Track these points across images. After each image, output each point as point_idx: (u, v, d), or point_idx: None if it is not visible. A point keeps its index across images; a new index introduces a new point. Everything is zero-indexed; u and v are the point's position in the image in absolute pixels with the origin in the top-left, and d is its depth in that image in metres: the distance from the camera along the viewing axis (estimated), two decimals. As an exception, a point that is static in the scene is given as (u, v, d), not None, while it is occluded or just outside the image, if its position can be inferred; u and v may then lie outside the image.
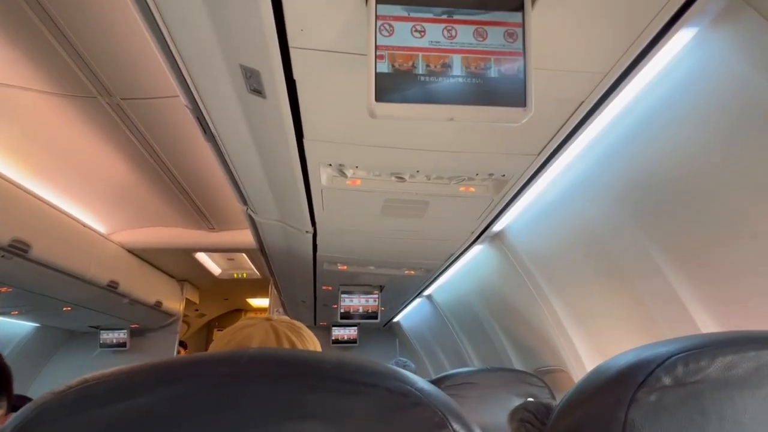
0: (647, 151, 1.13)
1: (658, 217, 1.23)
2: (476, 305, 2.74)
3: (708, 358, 0.51)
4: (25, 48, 1.80)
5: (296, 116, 1.13)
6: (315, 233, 2.03)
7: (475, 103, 0.75)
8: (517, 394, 1.76)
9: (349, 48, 0.89)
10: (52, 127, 2.30)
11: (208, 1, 0.85)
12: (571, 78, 0.96)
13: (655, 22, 0.81)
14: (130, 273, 3.91)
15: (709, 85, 0.91)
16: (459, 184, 1.49)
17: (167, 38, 0.98)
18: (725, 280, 1.15)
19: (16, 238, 2.49)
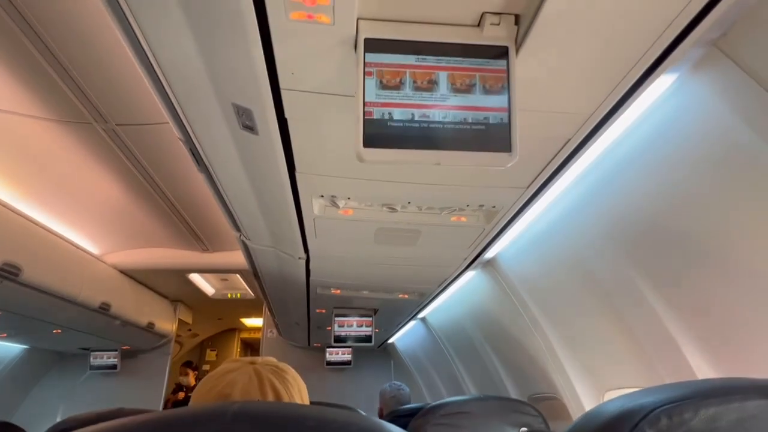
0: (631, 187, 1.15)
1: (642, 249, 1.24)
2: (470, 329, 2.73)
3: (691, 411, 0.52)
4: (22, 75, 1.82)
5: (288, 150, 1.14)
6: (308, 259, 2.03)
7: (461, 149, 0.77)
8: (511, 423, 1.74)
9: (338, 90, 0.91)
10: (47, 152, 2.31)
11: (202, 45, 0.87)
12: (557, 118, 0.99)
13: (637, 67, 0.84)
14: (123, 294, 3.87)
15: (688, 127, 0.93)
16: (450, 215, 1.50)
17: (161, 77, 1.00)
18: (708, 308, 1.16)
19: (6, 262, 2.47)
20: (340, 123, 1.01)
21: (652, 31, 0.77)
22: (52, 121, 2.09)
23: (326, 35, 0.78)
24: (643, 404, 0.53)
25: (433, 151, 0.77)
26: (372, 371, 5.19)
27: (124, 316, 3.90)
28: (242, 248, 2.20)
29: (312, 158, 1.18)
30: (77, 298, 3.21)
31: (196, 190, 2.69)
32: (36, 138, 2.19)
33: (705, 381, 0.61)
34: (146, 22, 0.85)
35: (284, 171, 1.22)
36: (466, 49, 0.78)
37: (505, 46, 0.79)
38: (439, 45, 0.78)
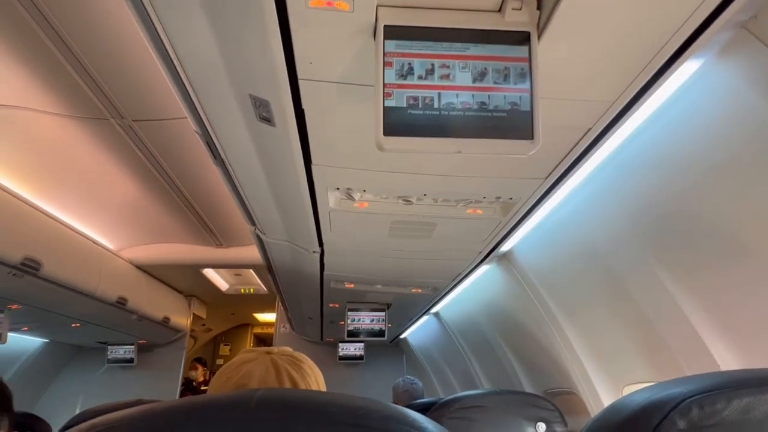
0: (653, 177, 1.13)
1: (664, 241, 1.22)
2: (484, 324, 2.71)
3: (724, 401, 0.50)
4: (41, 73, 1.85)
5: (304, 142, 1.14)
6: (322, 253, 2.03)
7: (482, 137, 0.75)
8: (527, 417, 1.72)
9: (356, 80, 0.90)
10: (65, 148, 2.34)
11: (220, 35, 0.87)
12: (579, 106, 0.97)
13: (662, 52, 0.82)
14: (139, 289, 3.93)
15: (714, 113, 0.91)
16: (466, 207, 1.49)
17: (178, 69, 1.00)
18: (734, 301, 1.13)
19: (27, 257, 2.52)
20: (358, 114, 1.00)
21: (680, 14, 0.75)
22: (69, 117, 2.12)
23: (345, 23, 0.77)
24: (672, 394, 0.52)
25: (454, 139, 0.76)
26: (384, 366, 5.20)
27: (140, 311, 3.97)
28: (257, 242, 2.21)
29: (328, 150, 1.17)
30: (95, 292, 3.26)
31: (210, 185, 2.71)
32: (54, 134, 2.22)
33: (736, 371, 0.59)
34: (164, 12, 0.85)
35: (300, 163, 1.22)
36: (488, 35, 0.77)
37: (527, 32, 0.77)
38: (460, 31, 0.77)
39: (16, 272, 2.52)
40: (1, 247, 2.36)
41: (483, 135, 0.75)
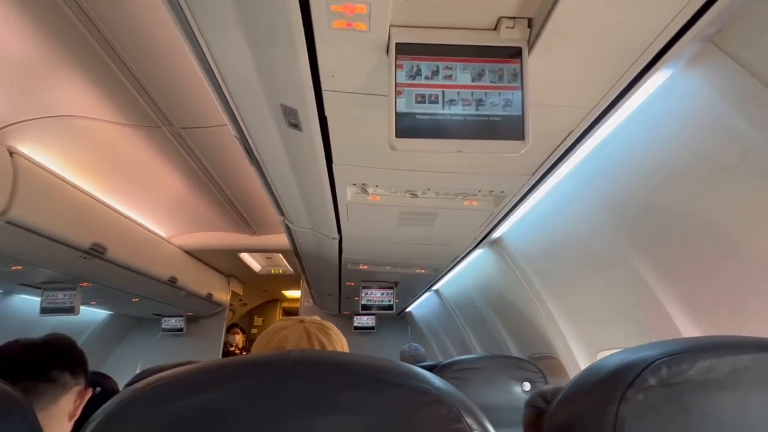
0: (628, 173, 1.11)
1: (637, 228, 1.20)
2: (478, 299, 2.71)
3: (689, 362, 0.50)
4: (103, 87, 1.87)
5: (327, 145, 1.14)
6: (340, 239, 2.04)
7: (480, 138, 0.75)
8: (514, 378, 1.73)
9: (371, 90, 0.90)
10: (124, 152, 2.37)
11: (256, 53, 0.87)
12: (563, 111, 0.95)
13: (637, 63, 0.80)
14: (186, 270, 3.98)
15: (682, 118, 0.89)
16: (464, 199, 1.48)
17: (220, 82, 1.01)
18: (697, 280, 1.12)
19: (95, 243, 2.57)
20: (373, 119, 1.00)
21: (653, 29, 0.73)
22: (127, 125, 2.14)
23: (363, 41, 0.77)
24: (644, 356, 0.52)
25: (455, 140, 0.75)
26: (392, 335, 5.24)
27: (188, 288, 4.02)
28: (285, 230, 2.23)
29: (347, 151, 1.17)
30: (150, 272, 3.32)
31: (246, 183, 2.73)
32: (115, 140, 2.25)
33: (699, 338, 0.59)
34: (209, 34, 0.85)
35: (323, 162, 1.22)
36: (485, 50, 0.76)
37: (518, 47, 0.76)
38: (461, 47, 0.76)
39: (85, 255, 2.57)
40: (74, 234, 2.41)
41: (480, 136, 0.75)
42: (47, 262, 2.57)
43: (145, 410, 0.42)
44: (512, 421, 1.66)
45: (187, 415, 0.42)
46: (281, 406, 0.43)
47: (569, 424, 0.53)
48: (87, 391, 0.94)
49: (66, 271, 2.76)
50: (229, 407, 0.43)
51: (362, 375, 0.45)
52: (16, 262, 2.45)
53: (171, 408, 0.42)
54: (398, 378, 0.45)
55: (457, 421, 0.43)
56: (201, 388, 0.44)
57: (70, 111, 2.03)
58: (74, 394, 0.90)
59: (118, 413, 0.42)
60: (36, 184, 2.13)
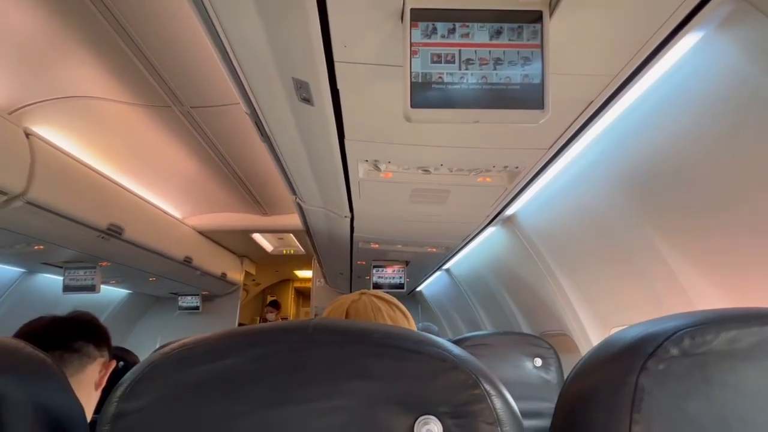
0: (650, 144, 1.07)
1: (657, 203, 1.17)
2: (489, 278, 2.72)
3: (713, 333, 0.49)
4: (113, 67, 1.86)
5: (339, 120, 1.13)
6: (352, 218, 2.04)
7: (497, 107, 0.73)
8: (525, 353, 1.74)
9: (385, 60, 0.87)
10: (136, 132, 2.38)
11: (266, 24, 0.85)
12: (583, 80, 0.92)
13: (665, 26, 0.76)
14: (201, 250, 4.06)
15: (713, 83, 0.85)
16: (477, 176, 1.46)
17: (231, 56, 0.99)
18: (718, 255, 1.09)
19: (112, 223, 2.62)
20: (387, 92, 0.98)
21: (684, -13, 0.69)
22: (138, 105, 2.14)
23: (376, 7, 0.74)
24: (666, 327, 0.51)
25: (472, 110, 0.73)
26: (403, 314, 5.28)
27: (202, 268, 4.11)
28: (297, 209, 2.24)
29: (359, 126, 1.16)
30: (166, 252, 3.39)
31: (257, 163, 2.73)
32: (126, 120, 2.26)
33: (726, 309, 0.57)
34: (219, 5, 0.83)
35: (335, 138, 1.21)
36: (504, 15, 0.73)
37: (539, 10, 0.73)
38: (479, 12, 0.73)
39: (103, 235, 2.63)
40: (91, 215, 2.46)
41: (498, 105, 0.73)
42: (67, 242, 2.64)
43: (170, 373, 0.44)
44: (523, 395, 1.68)
45: (210, 378, 0.43)
46: (301, 371, 0.44)
47: (586, 393, 0.52)
48: (111, 363, 0.98)
49: (85, 251, 2.84)
50: (250, 372, 0.44)
51: (381, 342, 0.46)
52: (38, 242, 2.53)
53: (195, 371, 0.44)
54: (417, 345, 0.45)
55: (475, 387, 0.44)
56: (223, 353, 0.45)
57: (82, 92, 2.04)
58: (99, 364, 0.94)
59: (146, 375, 0.44)
60: (53, 165, 2.17)
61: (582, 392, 0.52)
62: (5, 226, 2.20)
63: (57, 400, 0.52)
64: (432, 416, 0.42)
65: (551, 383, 1.71)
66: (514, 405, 0.46)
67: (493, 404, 0.44)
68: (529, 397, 1.67)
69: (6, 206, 1.97)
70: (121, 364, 1.87)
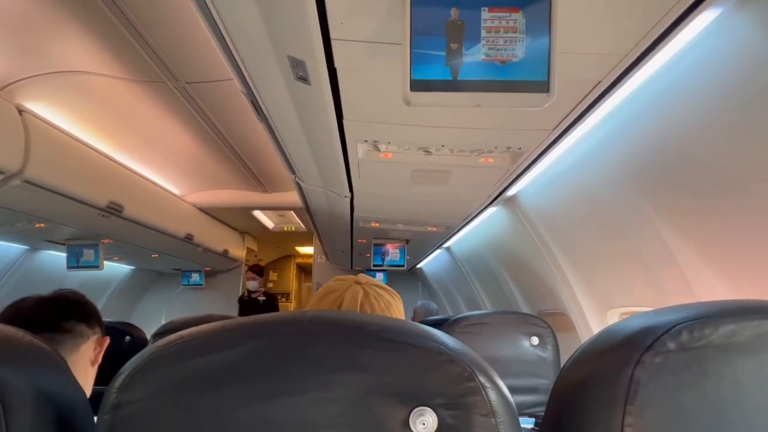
0: (658, 126, 1.04)
1: (661, 187, 1.15)
2: (488, 257, 2.73)
3: (712, 327, 0.49)
4: (105, 41, 1.80)
5: (336, 99, 1.09)
6: (352, 197, 2.03)
7: (501, 90, 0.70)
8: (523, 332, 1.76)
9: (384, 38, 0.83)
10: (132, 108, 2.34)
11: (259, 1, 0.81)
12: (591, 60, 0.88)
13: (679, 4, 0.72)
14: (202, 227, 4.07)
15: (729, 64, 0.81)
16: (479, 156, 1.43)
17: (224, 34, 0.95)
18: (718, 237, 1.08)
19: (111, 201, 2.62)
20: (385, 71, 0.94)
21: (704, -39, 0.65)
22: (132, 81, 2.08)
23: (374, -18, 0.70)
24: (665, 321, 0.51)
25: (474, 93, 0.70)
26: (403, 290, 5.30)
27: (204, 245, 4.14)
28: (296, 188, 2.22)
29: (358, 106, 1.12)
30: (167, 229, 3.40)
31: (256, 139, 2.69)
32: (121, 97, 2.21)
33: (724, 302, 0.57)
34: (208, -22, 0.79)
35: (333, 118, 1.18)
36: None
37: (547, -15, 0.69)
38: (483, -13, 0.69)
39: (104, 213, 2.63)
40: (91, 193, 2.45)
41: (501, 89, 0.70)
42: (67, 220, 2.65)
43: (169, 365, 0.44)
44: (520, 372, 1.73)
45: (207, 370, 0.44)
46: (298, 363, 0.44)
47: (582, 382, 0.53)
48: (105, 339, 0.98)
49: (87, 229, 2.85)
50: (248, 364, 0.44)
51: (376, 335, 0.46)
52: (39, 220, 2.53)
53: (192, 363, 0.44)
54: (413, 338, 0.45)
55: (470, 379, 0.44)
56: (220, 345, 0.45)
57: (75, 66, 1.98)
58: (93, 342, 0.94)
59: (145, 367, 0.44)
60: (48, 142, 2.14)
61: (578, 381, 0.53)
62: (4, 204, 2.19)
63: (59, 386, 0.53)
64: (427, 408, 0.43)
65: (547, 361, 1.74)
66: (509, 396, 0.46)
67: (488, 396, 0.44)
68: (526, 374, 1.71)
69: (4, 185, 1.96)
70: (128, 338, 1.91)
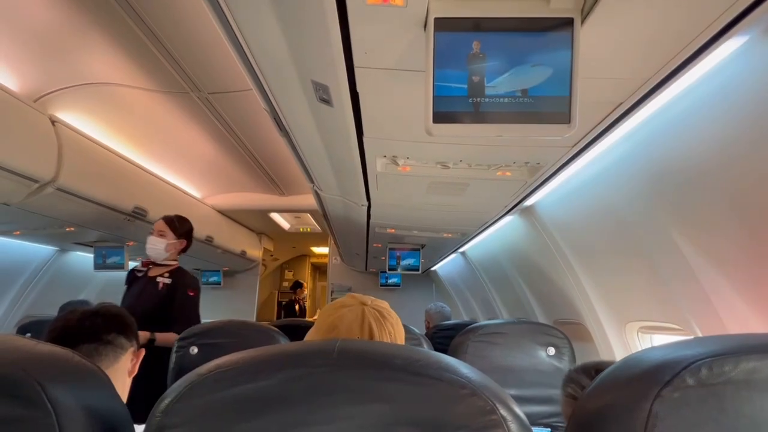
0: (679, 145, 1.03)
1: (682, 204, 1.14)
2: (505, 263, 2.72)
3: (732, 363, 0.49)
4: (131, 54, 1.87)
5: (357, 118, 1.12)
6: (369, 206, 2.05)
7: (522, 122, 0.71)
8: (539, 343, 1.76)
9: (406, 66, 0.85)
10: (157, 118, 2.41)
11: (285, 30, 0.84)
12: (613, 84, 0.88)
13: (704, 33, 0.72)
14: (221, 229, 4.16)
15: (751, 90, 0.80)
16: (497, 170, 1.44)
17: (250, 59, 0.98)
18: (738, 256, 1.07)
19: (137, 206, 2.71)
20: (406, 94, 0.96)
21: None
22: (157, 92, 2.16)
23: (399, 17, 0.72)
24: (685, 355, 0.51)
25: (496, 124, 0.72)
26: (417, 292, 5.39)
27: (223, 246, 4.23)
28: (315, 196, 2.26)
29: (378, 125, 1.14)
30: (189, 232, 3.48)
31: (274, 146, 2.74)
32: (146, 106, 2.29)
33: (745, 336, 0.57)
34: (238, 11, 0.82)
35: (354, 136, 1.21)
36: (533, 23, 0.70)
37: (570, 18, 0.69)
38: (507, 20, 0.70)
39: (129, 218, 2.73)
40: (117, 199, 2.55)
41: (523, 120, 0.71)
42: (96, 225, 2.75)
43: (208, 393, 0.47)
44: (536, 382, 1.73)
45: (242, 398, 0.47)
46: (328, 394, 0.47)
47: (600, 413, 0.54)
48: (140, 351, 1.04)
49: (113, 232, 2.95)
50: (280, 394, 0.47)
51: (403, 367, 0.48)
52: (69, 224, 2.64)
53: (229, 392, 0.47)
54: (438, 372, 0.47)
55: (492, 412, 0.46)
56: (254, 375, 0.48)
57: (103, 78, 2.06)
58: (130, 354, 1.01)
59: (186, 393, 0.48)
60: (79, 151, 2.23)
61: (596, 411, 0.54)
62: (38, 210, 2.30)
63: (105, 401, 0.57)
64: (451, 438, 0.45)
65: (563, 371, 1.74)
66: (529, 428, 0.48)
67: (509, 428, 0.46)
68: (541, 384, 1.71)
69: (38, 193, 2.06)
70: None
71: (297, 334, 1.81)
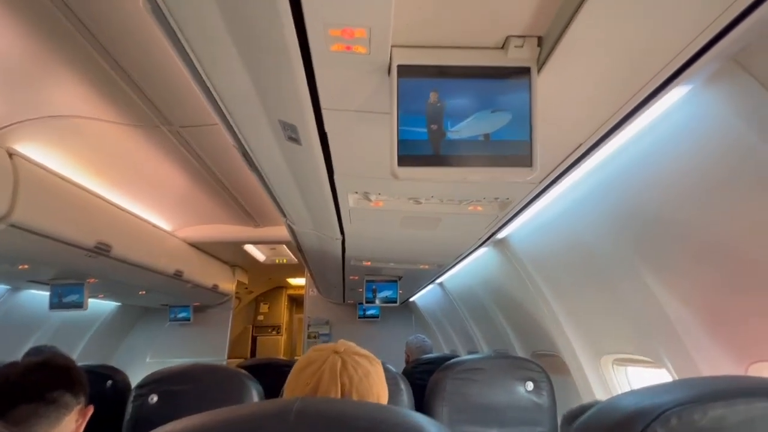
0: (636, 185, 1.08)
1: (642, 238, 1.18)
2: (482, 294, 2.72)
3: (700, 412, 0.49)
4: (98, 87, 1.83)
5: (327, 156, 1.11)
6: (343, 239, 2.03)
7: (485, 165, 0.72)
8: (518, 378, 1.73)
9: (372, 108, 0.86)
10: (126, 151, 2.35)
11: (252, 73, 0.84)
12: (572, 126, 0.92)
13: (653, 80, 0.76)
14: (192, 262, 4.01)
15: (698, 135, 0.85)
16: (468, 204, 1.45)
17: (217, 99, 0.97)
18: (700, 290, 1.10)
19: (100, 241, 2.58)
20: (374, 135, 0.97)
21: (673, 48, 0.69)
22: (127, 125, 2.11)
23: (363, 63, 0.73)
24: (654, 405, 0.51)
25: (460, 168, 0.72)
26: (397, 323, 5.29)
27: (194, 280, 4.06)
28: (288, 230, 2.22)
29: (348, 163, 1.14)
30: (156, 266, 3.34)
31: (247, 178, 2.69)
32: (116, 139, 2.23)
33: (713, 381, 0.57)
34: (202, 53, 0.82)
35: (324, 173, 1.20)
36: (491, 71, 0.72)
37: (527, 67, 0.72)
38: (467, 68, 0.72)
39: (91, 254, 2.58)
40: (78, 234, 2.41)
41: (485, 164, 0.72)
42: (53, 261, 2.59)
43: None
44: (515, 420, 1.68)
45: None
46: (285, 459, 0.43)
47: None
48: (88, 409, 0.94)
49: (72, 269, 2.79)
50: None
51: (367, 429, 0.45)
52: (23, 262, 2.47)
53: None
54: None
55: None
56: None
57: (67, 111, 2.00)
58: (76, 413, 0.90)
59: None
60: (38, 185, 2.12)
61: None
62: (-12, 248, 2.15)
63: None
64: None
65: (543, 407, 1.70)
66: None
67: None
68: (522, 422, 1.66)
69: (-12, 229, 1.93)
70: (109, 383, 1.82)
71: (270, 374, 1.72)
